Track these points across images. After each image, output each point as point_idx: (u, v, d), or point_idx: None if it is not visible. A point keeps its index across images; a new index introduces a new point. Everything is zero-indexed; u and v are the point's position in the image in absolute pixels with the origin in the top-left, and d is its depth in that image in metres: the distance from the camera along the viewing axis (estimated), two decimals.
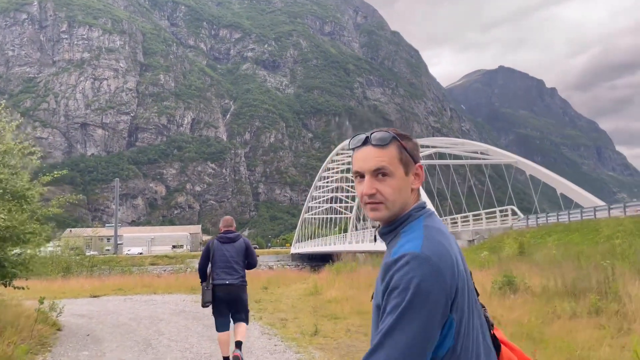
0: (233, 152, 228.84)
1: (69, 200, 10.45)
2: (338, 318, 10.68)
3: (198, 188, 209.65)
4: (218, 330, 6.86)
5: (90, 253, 53.47)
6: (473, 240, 29.93)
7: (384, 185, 1.60)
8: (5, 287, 9.37)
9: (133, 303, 15.78)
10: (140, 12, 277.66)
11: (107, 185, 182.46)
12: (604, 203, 30.62)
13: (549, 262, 14.77)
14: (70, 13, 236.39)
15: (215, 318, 6.90)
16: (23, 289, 9.42)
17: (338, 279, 17.24)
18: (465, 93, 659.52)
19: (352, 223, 76.83)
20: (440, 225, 1.62)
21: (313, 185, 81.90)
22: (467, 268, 1.61)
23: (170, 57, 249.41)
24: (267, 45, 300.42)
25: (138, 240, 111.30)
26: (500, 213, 34.49)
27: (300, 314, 11.72)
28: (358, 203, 73.29)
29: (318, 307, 12.73)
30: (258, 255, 7.34)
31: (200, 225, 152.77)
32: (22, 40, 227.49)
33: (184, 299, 16.40)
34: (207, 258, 6.96)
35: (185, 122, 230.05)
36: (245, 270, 7.08)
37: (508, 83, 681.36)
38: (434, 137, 63.34)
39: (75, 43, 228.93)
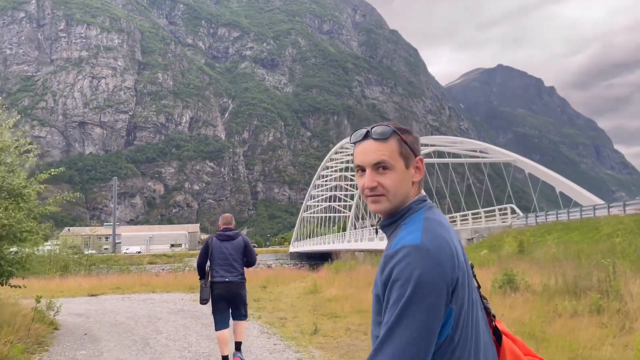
0: (231, 150, 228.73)
1: (66, 198, 10.37)
2: (338, 317, 10.62)
3: (196, 187, 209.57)
4: (217, 329, 6.79)
5: (89, 252, 53.36)
6: (472, 239, 29.89)
7: (385, 178, 1.62)
8: (2, 285, 9.30)
9: (131, 302, 15.71)
10: (139, 10, 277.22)
11: (105, 184, 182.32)
12: (603, 202, 30.55)
13: (549, 260, 14.72)
14: (68, 11, 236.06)
15: (214, 316, 6.85)
16: (20, 288, 9.35)
17: (337, 278, 17.17)
18: (464, 92, 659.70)
19: (350, 222, 76.83)
20: (441, 218, 1.63)
21: (312, 184, 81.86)
22: (467, 260, 1.62)
23: (169, 55, 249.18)
24: (265, 44, 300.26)
25: (136, 239, 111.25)
26: (500, 211, 34.47)
27: (300, 313, 11.65)
28: (357, 202, 73.32)
29: (317, 305, 12.66)
30: (257, 254, 7.29)
31: (199, 224, 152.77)
32: (19, 39, 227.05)
33: (183, 298, 16.34)
34: (205, 255, 6.90)
35: (184, 120, 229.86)
36: (244, 268, 7.03)
37: (506, 82, 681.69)
38: (433, 135, 63.31)
39: (73, 41, 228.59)
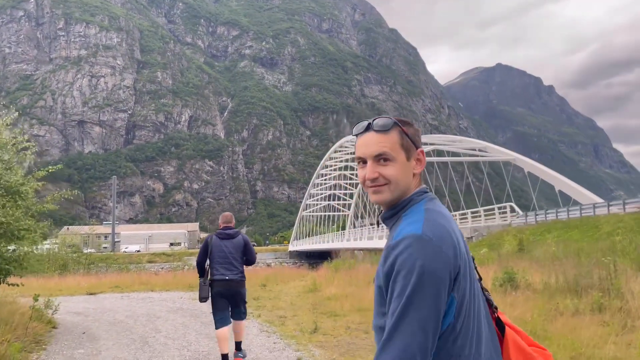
0: (231, 149, 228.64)
1: (64, 196, 10.31)
2: (337, 315, 10.56)
3: (196, 186, 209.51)
4: (217, 327, 6.76)
5: (88, 251, 53.32)
6: (472, 238, 29.84)
7: (386, 169, 1.63)
8: (0, 284, 9.24)
9: (130, 301, 15.65)
10: (138, 9, 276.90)
11: (104, 183, 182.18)
12: (602, 200, 30.53)
13: (550, 258, 14.68)
14: (67, 10, 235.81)
15: (214, 314, 6.83)
16: (17, 286, 9.28)
17: (337, 276, 17.11)
18: (463, 91, 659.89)
19: (350, 220, 76.82)
20: (442, 209, 1.64)
21: (311, 183, 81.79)
22: (468, 251, 1.62)
23: (168, 54, 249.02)
24: (264, 43, 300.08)
25: (135, 238, 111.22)
26: (499, 210, 34.43)
27: (299, 312, 11.59)
28: (356, 200, 73.31)
29: (317, 304, 12.61)
30: (256, 253, 7.26)
31: (198, 223, 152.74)
32: (18, 38, 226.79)
33: (182, 297, 16.28)
34: (205, 254, 6.90)
35: (183, 119, 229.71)
36: (244, 267, 7.02)
37: (506, 81, 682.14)
38: (432, 134, 63.23)
39: (72, 40, 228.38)
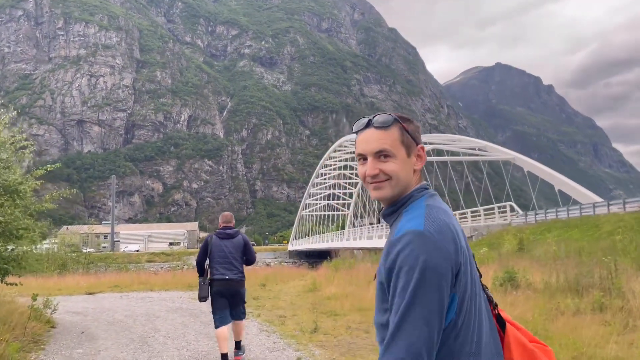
0: (230, 149, 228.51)
1: (63, 195, 10.26)
2: (338, 315, 10.52)
3: (195, 185, 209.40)
4: (216, 326, 6.76)
5: (87, 250, 53.31)
6: (471, 237, 29.78)
7: (387, 165, 1.63)
8: None
9: (129, 300, 15.61)
10: (137, 8, 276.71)
11: (103, 183, 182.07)
12: (602, 199, 30.51)
13: (550, 258, 14.65)
14: (67, 9, 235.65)
15: (214, 313, 6.83)
16: (16, 285, 9.24)
17: (337, 276, 17.08)
18: (462, 90, 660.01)
19: (349, 220, 76.77)
20: (443, 205, 1.63)
21: (310, 182, 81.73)
22: (469, 248, 1.62)
23: (167, 53, 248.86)
24: (264, 42, 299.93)
25: (135, 238, 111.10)
26: (499, 209, 34.40)
27: (299, 311, 11.55)
28: (356, 200, 73.27)
29: (317, 304, 12.57)
30: (256, 252, 7.27)
31: (197, 223, 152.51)
32: (17, 37, 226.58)
33: (181, 296, 16.24)
34: (205, 253, 6.90)
35: (182, 119, 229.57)
36: (244, 267, 7.02)
37: (505, 80, 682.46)
38: (431, 133, 63.17)
39: (72, 40, 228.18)
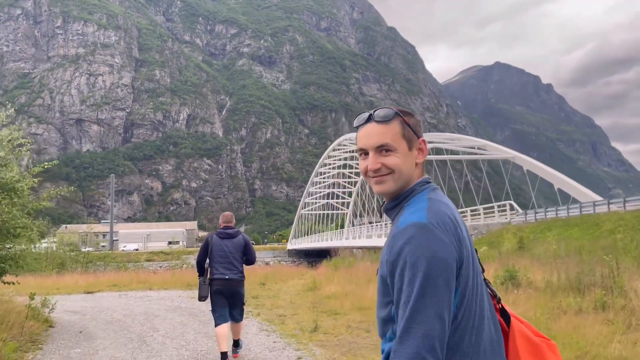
0: (229, 148, 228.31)
1: (61, 193, 10.18)
2: (338, 314, 10.45)
3: (194, 184, 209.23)
4: (216, 324, 6.78)
5: (86, 249, 53.27)
6: (471, 236, 29.66)
7: (388, 159, 1.62)
8: None
9: (128, 299, 15.54)
10: (136, 7, 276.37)
11: (102, 182, 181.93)
12: (602, 198, 30.46)
13: (550, 257, 14.59)
14: (65, 8, 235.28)
15: (214, 311, 6.86)
16: (13, 285, 9.16)
17: (337, 275, 17.01)
18: (462, 89, 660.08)
19: (348, 219, 76.72)
20: (445, 199, 1.63)
21: (310, 181, 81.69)
22: (471, 242, 1.62)
23: (166, 52, 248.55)
24: (263, 41, 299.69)
25: (134, 237, 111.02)
26: (498, 208, 34.35)
27: (299, 310, 11.48)
28: (355, 199, 73.20)
29: (317, 303, 12.50)
30: (255, 252, 7.27)
31: (197, 222, 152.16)
32: (16, 36, 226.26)
33: (180, 295, 16.17)
34: (205, 253, 6.93)
35: (181, 118, 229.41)
36: (243, 266, 7.05)
37: (504, 79, 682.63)
38: (431, 132, 63.17)
39: (70, 38, 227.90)
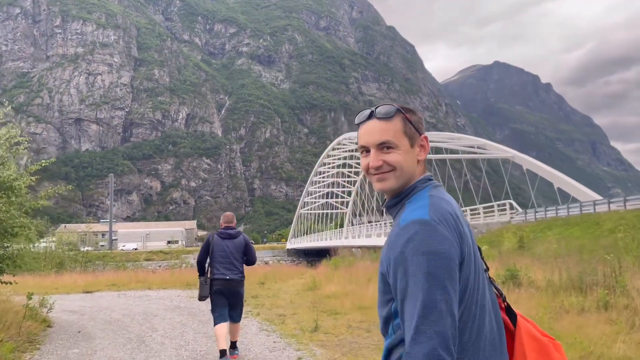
0: (228, 147, 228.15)
1: (58, 192, 10.09)
2: (338, 314, 10.39)
3: (193, 184, 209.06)
4: (215, 323, 6.78)
5: (85, 249, 53.18)
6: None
7: (390, 156, 1.61)
8: None
9: (127, 299, 15.47)
10: (135, 6, 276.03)
11: (101, 181, 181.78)
12: (602, 197, 30.40)
13: (551, 256, 14.53)
14: (64, 7, 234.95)
15: (213, 311, 6.86)
16: (10, 284, 9.08)
17: (336, 274, 16.95)
18: (461, 88, 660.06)
19: (348, 218, 76.68)
20: (446, 196, 1.63)
21: (309, 181, 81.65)
22: (473, 239, 1.61)
23: (165, 52, 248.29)
24: (262, 40, 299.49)
25: (133, 236, 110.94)
26: (498, 207, 34.32)
27: (299, 310, 11.41)
28: (354, 198, 73.14)
29: (317, 302, 12.43)
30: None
31: (196, 221, 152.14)
32: (15, 35, 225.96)
33: (179, 295, 16.10)
34: (206, 252, 6.94)
35: (180, 117, 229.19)
36: (244, 267, 7.08)
37: (503, 78, 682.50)
38: (430, 132, 63.08)
39: (69, 38, 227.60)
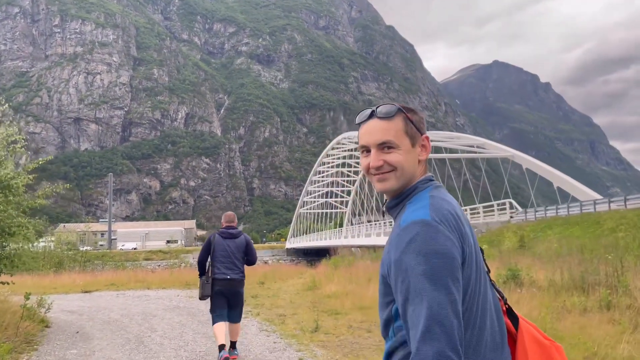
0: (227, 147, 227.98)
1: (56, 191, 10.02)
2: (339, 314, 10.31)
3: (192, 183, 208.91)
4: (214, 322, 6.76)
5: (84, 248, 53.05)
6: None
7: (391, 156, 1.60)
8: None
9: (125, 299, 15.39)
10: (134, 5, 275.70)
11: (100, 181, 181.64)
12: (602, 196, 30.36)
13: (552, 255, 14.48)
14: (63, 7, 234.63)
15: (213, 311, 6.84)
16: (8, 284, 9.00)
17: (336, 274, 16.88)
18: (460, 88, 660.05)
19: (347, 217, 76.63)
20: (447, 197, 1.62)
21: (308, 180, 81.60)
22: (475, 240, 1.60)
23: (164, 51, 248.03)
24: (261, 40, 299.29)
25: (132, 236, 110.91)
26: (498, 207, 34.26)
27: (299, 310, 11.34)
28: (354, 197, 73.08)
29: (317, 302, 12.37)
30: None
31: (195, 221, 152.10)
32: (14, 34, 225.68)
33: (179, 295, 16.03)
34: (207, 252, 6.94)
35: (179, 116, 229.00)
36: (244, 266, 7.08)
37: (503, 78, 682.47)
38: (429, 131, 62.82)
39: (68, 37, 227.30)
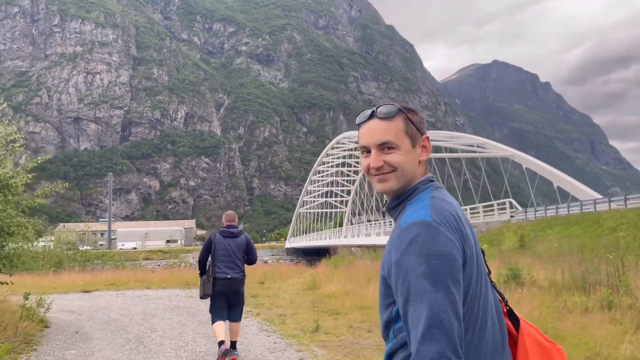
0: (227, 146, 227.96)
1: (55, 190, 9.99)
2: (339, 313, 10.29)
3: (192, 183, 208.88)
4: (213, 321, 6.76)
5: (84, 248, 53.00)
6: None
7: (391, 157, 1.59)
8: None
9: (125, 298, 15.35)
10: (134, 5, 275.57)
11: (100, 180, 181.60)
12: (602, 196, 30.33)
13: (553, 255, 14.45)
14: (63, 6, 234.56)
15: (212, 311, 6.84)
16: (7, 284, 8.96)
17: (336, 273, 16.85)
18: (460, 87, 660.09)
19: (347, 217, 76.60)
20: (447, 197, 1.61)
21: (308, 180, 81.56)
22: (476, 241, 1.60)
23: (164, 51, 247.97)
24: (261, 39, 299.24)
25: (132, 235, 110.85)
26: (498, 206, 34.24)
27: (299, 310, 11.31)
28: (353, 197, 73.05)
29: (317, 302, 12.34)
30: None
31: (195, 220, 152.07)
32: (13, 34, 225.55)
33: (178, 294, 15.99)
34: (208, 251, 6.94)
35: (179, 116, 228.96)
36: (245, 266, 7.08)
37: (502, 77, 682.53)
38: (429, 131, 62.69)
39: (68, 37, 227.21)
